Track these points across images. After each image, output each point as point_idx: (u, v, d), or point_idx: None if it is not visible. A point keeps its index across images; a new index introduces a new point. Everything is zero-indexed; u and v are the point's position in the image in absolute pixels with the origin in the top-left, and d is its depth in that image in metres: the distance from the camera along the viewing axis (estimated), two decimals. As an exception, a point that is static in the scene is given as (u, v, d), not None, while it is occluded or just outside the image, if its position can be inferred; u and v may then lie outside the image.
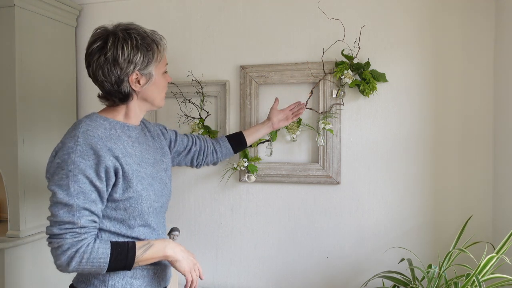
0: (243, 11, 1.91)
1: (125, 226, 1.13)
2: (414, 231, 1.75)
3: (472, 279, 1.29)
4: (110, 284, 1.11)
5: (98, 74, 1.12)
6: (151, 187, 1.17)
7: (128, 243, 1.10)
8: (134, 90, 1.16)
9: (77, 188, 1.03)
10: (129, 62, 1.11)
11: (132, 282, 1.14)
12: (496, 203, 1.65)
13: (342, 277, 1.83)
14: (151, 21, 2.03)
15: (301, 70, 1.81)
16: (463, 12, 1.68)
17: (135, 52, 1.11)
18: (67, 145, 1.06)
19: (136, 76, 1.14)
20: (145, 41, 1.13)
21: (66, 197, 1.03)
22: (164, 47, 1.19)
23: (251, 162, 1.84)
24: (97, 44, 1.11)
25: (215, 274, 1.99)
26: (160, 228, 1.24)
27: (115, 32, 1.12)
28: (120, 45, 1.10)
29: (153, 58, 1.15)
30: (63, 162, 1.04)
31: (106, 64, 1.11)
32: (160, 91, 1.22)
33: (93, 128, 1.11)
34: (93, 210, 1.06)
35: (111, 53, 1.10)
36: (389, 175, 1.77)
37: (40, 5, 1.84)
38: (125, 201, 1.12)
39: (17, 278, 1.74)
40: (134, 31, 1.13)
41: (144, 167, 1.18)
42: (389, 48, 1.75)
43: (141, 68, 1.13)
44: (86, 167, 1.04)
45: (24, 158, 1.77)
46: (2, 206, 2.16)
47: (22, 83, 1.76)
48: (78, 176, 1.03)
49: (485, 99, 1.67)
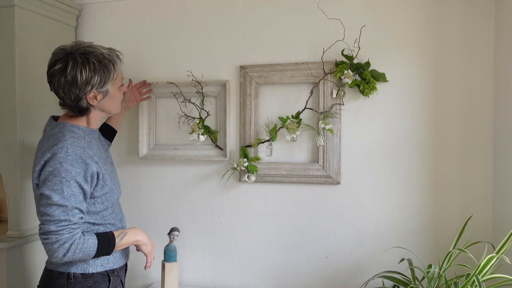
0: (243, 11, 1.91)
1: (99, 216, 1.37)
2: (414, 231, 1.75)
3: (472, 279, 1.29)
4: (91, 262, 1.34)
5: (59, 92, 1.30)
6: (114, 181, 1.44)
7: (109, 233, 1.36)
8: (91, 105, 1.34)
9: (69, 191, 1.24)
10: (87, 83, 1.27)
11: (108, 258, 1.39)
12: (496, 203, 1.65)
13: (342, 277, 1.83)
14: (151, 21, 2.03)
15: (301, 70, 1.81)
16: (463, 12, 1.68)
17: (92, 75, 1.27)
18: (58, 155, 1.24)
19: (93, 94, 1.31)
20: (102, 64, 1.29)
21: (61, 199, 1.22)
22: (119, 65, 1.36)
23: (251, 162, 1.84)
24: (58, 67, 1.27)
25: (215, 274, 1.99)
26: (119, 213, 1.49)
27: (74, 56, 1.27)
28: (79, 69, 1.26)
29: (110, 78, 1.32)
30: (56, 170, 1.23)
31: (67, 85, 1.27)
32: (116, 102, 1.41)
33: (77, 139, 1.31)
34: (81, 208, 1.28)
35: (71, 76, 1.26)
36: (389, 175, 1.77)
37: (40, 5, 1.84)
38: (102, 196, 1.36)
39: (17, 278, 1.74)
40: (92, 55, 1.28)
41: (107, 165, 1.42)
42: (389, 48, 1.75)
43: (98, 87, 1.30)
44: (76, 174, 1.25)
45: (24, 158, 1.77)
46: (2, 206, 2.16)
47: (22, 83, 1.76)
48: (70, 182, 1.24)
49: (485, 99, 1.67)
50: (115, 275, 1.41)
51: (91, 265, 1.34)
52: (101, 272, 1.37)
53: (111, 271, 1.40)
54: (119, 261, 1.44)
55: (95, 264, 1.35)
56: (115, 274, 1.42)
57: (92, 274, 1.34)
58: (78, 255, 1.26)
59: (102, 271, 1.37)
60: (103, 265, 1.37)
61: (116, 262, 1.42)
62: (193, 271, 2.02)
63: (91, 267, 1.34)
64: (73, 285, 1.32)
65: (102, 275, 1.37)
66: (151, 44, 2.03)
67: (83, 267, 1.34)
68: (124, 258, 1.49)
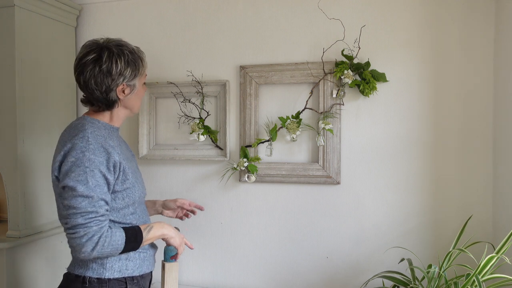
0: (243, 11, 1.91)
1: (120, 214, 1.30)
2: (414, 231, 1.75)
3: (472, 279, 1.29)
4: (108, 267, 1.26)
5: (90, 82, 1.27)
6: (138, 179, 1.38)
7: (135, 227, 1.30)
8: (119, 99, 1.32)
9: (94, 182, 1.18)
10: (120, 74, 1.27)
11: (127, 264, 1.30)
12: (496, 203, 1.65)
13: (342, 277, 1.83)
14: (151, 21, 2.03)
15: (301, 70, 1.81)
16: (463, 12, 1.68)
17: (126, 67, 1.28)
18: (78, 145, 1.20)
19: (122, 87, 1.30)
20: (134, 57, 1.30)
21: (86, 190, 1.17)
22: (145, 62, 1.37)
23: (251, 162, 1.84)
24: (92, 56, 1.25)
25: (215, 274, 1.99)
26: (144, 215, 1.41)
27: (109, 47, 1.27)
28: (115, 59, 1.26)
29: (139, 72, 1.32)
30: (78, 160, 1.18)
31: (100, 74, 1.25)
32: (138, 99, 1.40)
33: (97, 129, 1.27)
34: (107, 200, 1.23)
35: (106, 66, 1.25)
36: (389, 175, 1.77)
37: (40, 5, 1.84)
38: (123, 191, 1.29)
39: (17, 278, 1.74)
40: (126, 48, 1.30)
41: (130, 162, 1.36)
42: (389, 48, 1.75)
43: (129, 80, 1.30)
44: (100, 164, 1.21)
45: (24, 158, 1.77)
46: (2, 206, 2.16)
47: (22, 83, 1.76)
48: (95, 171, 1.19)
49: (485, 99, 1.67)
50: (134, 283, 1.32)
51: (108, 270, 1.26)
52: (118, 278, 1.28)
53: (130, 278, 1.31)
54: (140, 268, 1.34)
55: (113, 269, 1.27)
56: (134, 282, 1.32)
57: (109, 280, 1.26)
58: (106, 249, 1.20)
59: (120, 277, 1.28)
60: (121, 271, 1.29)
61: (136, 269, 1.32)
62: (193, 271, 2.02)
63: (108, 272, 1.26)
64: None
65: (119, 282, 1.28)
66: (151, 44, 2.03)
67: (100, 272, 1.26)
68: (147, 266, 1.38)
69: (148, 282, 1.42)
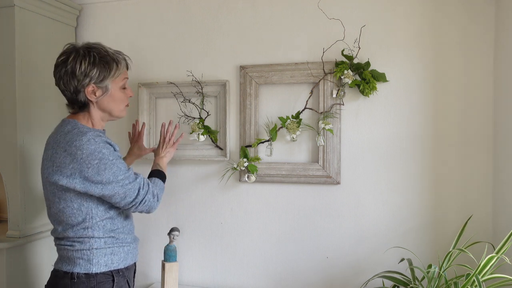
0: (243, 11, 1.91)
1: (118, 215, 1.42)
2: (414, 231, 1.75)
3: (472, 279, 1.29)
4: (94, 262, 1.34)
5: (60, 83, 1.35)
6: None
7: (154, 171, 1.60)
8: (90, 100, 1.36)
9: (120, 166, 1.33)
10: (85, 75, 1.31)
11: (112, 258, 1.39)
12: (496, 203, 1.65)
13: (342, 277, 1.83)
14: (151, 21, 2.03)
15: (301, 70, 1.81)
16: (463, 12, 1.68)
17: (91, 68, 1.31)
18: (90, 149, 1.28)
19: (92, 88, 1.34)
20: (103, 59, 1.34)
21: (122, 174, 1.33)
22: (124, 66, 1.41)
23: (251, 162, 1.84)
24: (61, 58, 1.33)
25: (215, 274, 1.99)
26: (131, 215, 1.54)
27: (77, 49, 1.33)
28: (79, 60, 1.31)
29: (110, 74, 1.35)
30: (101, 160, 1.29)
31: (65, 75, 1.32)
32: (117, 103, 1.42)
33: (93, 131, 1.34)
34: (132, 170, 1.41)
35: (71, 66, 1.31)
36: (389, 175, 1.77)
37: (40, 5, 1.84)
38: None
39: (17, 278, 1.74)
40: (95, 50, 1.34)
41: None
42: (389, 48, 1.75)
43: (97, 81, 1.33)
44: (112, 153, 1.33)
45: (24, 158, 1.77)
46: (2, 206, 2.16)
47: (22, 83, 1.76)
48: (116, 160, 1.33)
49: (485, 99, 1.67)
50: (120, 275, 1.40)
51: (95, 265, 1.34)
52: (105, 272, 1.36)
53: (116, 271, 1.39)
54: (124, 261, 1.43)
55: (99, 264, 1.35)
56: (120, 274, 1.40)
57: (96, 274, 1.34)
58: (160, 193, 1.49)
59: (106, 271, 1.36)
60: (107, 265, 1.37)
61: (121, 262, 1.41)
62: (193, 271, 2.02)
63: (95, 267, 1.34)
64: (77, 285, 1.32)
65: (106, 275, 1.36)
66: (151, 44, 2.03)
67: (87, 267, 1.33)
68: (131, 258, 1.47)
69: (133, 272, 1.51)
